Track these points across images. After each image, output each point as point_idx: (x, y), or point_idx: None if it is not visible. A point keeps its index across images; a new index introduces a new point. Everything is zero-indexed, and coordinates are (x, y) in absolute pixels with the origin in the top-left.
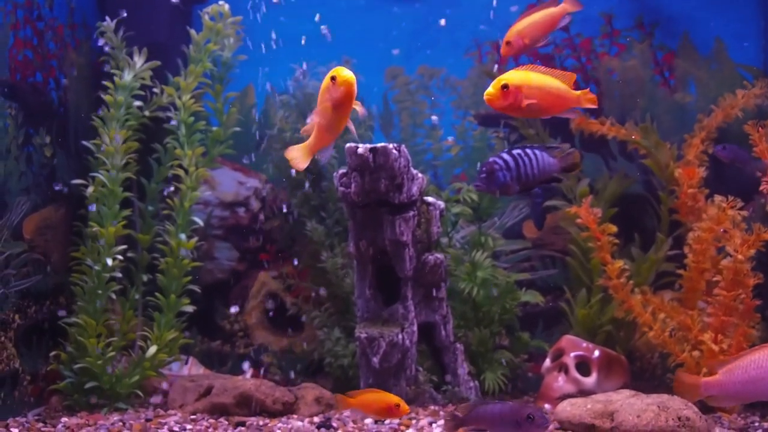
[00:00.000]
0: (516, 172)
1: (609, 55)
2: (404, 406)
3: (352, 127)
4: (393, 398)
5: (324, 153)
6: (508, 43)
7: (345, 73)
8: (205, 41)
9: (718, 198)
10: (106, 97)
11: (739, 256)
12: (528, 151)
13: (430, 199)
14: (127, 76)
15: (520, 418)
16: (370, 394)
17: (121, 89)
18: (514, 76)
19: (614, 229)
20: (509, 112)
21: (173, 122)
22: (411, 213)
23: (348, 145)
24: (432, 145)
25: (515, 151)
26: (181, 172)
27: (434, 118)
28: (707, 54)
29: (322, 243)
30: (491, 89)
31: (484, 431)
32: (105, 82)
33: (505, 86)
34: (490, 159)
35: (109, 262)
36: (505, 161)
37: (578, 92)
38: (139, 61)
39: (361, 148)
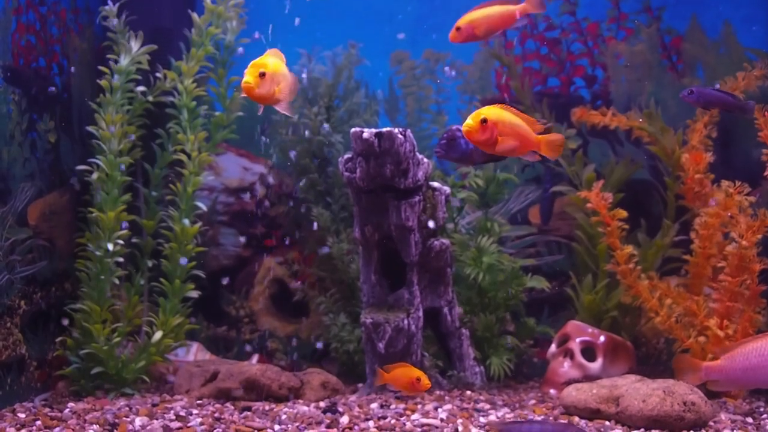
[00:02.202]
0: None
1: (616, 39)
2: (425, 380)
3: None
4: (415, 372)
5: None
6: (458, 28)
7: (244, 79)
8: (207, 25)
9: (725, 183)
10: (102, 82)
11: (744, 242)
12: None
13: (435, 184)
14: (124, 61)
15: None
16: (398, 369)
17: (118, 74)
18: (492, 112)
19: (624, 214)
20: (483, 147)
21: (172, 101)
22: (416, 198)
23: (353, 129)
24: (438, 130)
25: None
26: (183, 157)
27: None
28: (716, 38)
29: (328, 229)
30: (470, 121)
31: None
32: (100, 68)
33: (484, 120)
34: (453, 126)
35: (110, 247)
36: None
37: (541, 137)
38: (135, 45)
39: (367, 132)
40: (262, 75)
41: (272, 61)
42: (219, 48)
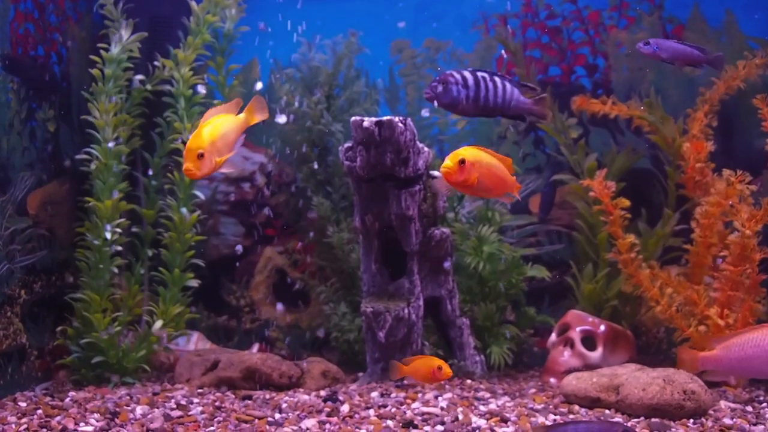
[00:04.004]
0: (474, 93)
1: (618, 28)
2: (447, 369)
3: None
4: (435, 361)
5: None
6: None
7: (184, 166)
8: (205, 13)
9: (726, 172)
10: (94, 71)
11: (746, 231)
12: (496, 79)
13: (436, 173)
14: (115, 49)
15: None
16: (418, 360)
17: (109, 62)
18: (469, 152)
19: (627, 203)
20: (459, 188)
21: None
22: (417, 187)
23: (353, 118)
24: (438, 119)
25: (479, 73)
26: (181, 146)
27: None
28: (717, 26)
29: (328, 218)
30: (449, 162)
31: None
32: (92, 57)
33: (462, 161)
34: (447, 71)
35: (108, 236)
36: (463, 78)
37: (513, 178)
38: (125, 33)
39: (367, 121)
40: (201, 156)
41: (207, 131)
42: (217, 36)
